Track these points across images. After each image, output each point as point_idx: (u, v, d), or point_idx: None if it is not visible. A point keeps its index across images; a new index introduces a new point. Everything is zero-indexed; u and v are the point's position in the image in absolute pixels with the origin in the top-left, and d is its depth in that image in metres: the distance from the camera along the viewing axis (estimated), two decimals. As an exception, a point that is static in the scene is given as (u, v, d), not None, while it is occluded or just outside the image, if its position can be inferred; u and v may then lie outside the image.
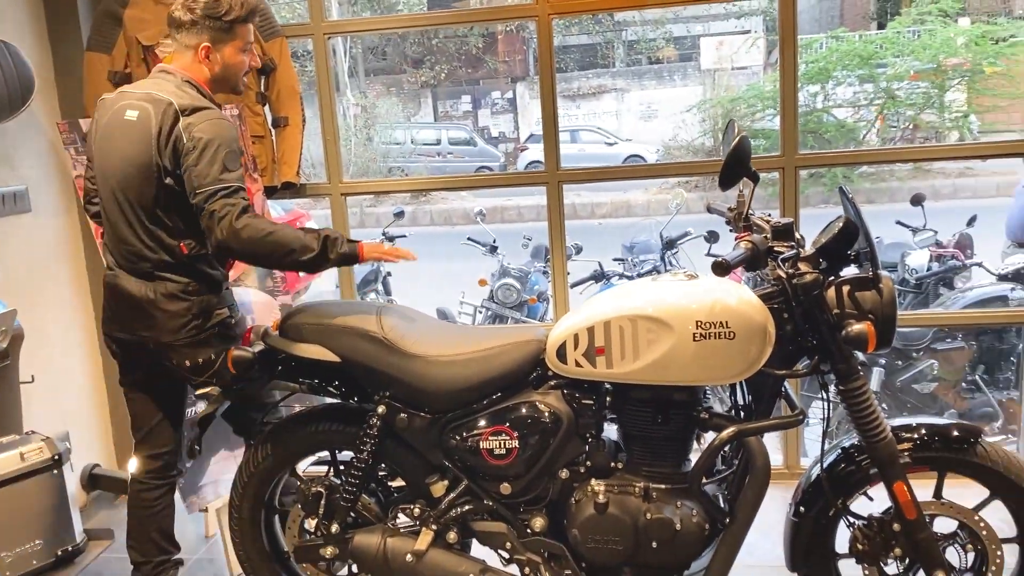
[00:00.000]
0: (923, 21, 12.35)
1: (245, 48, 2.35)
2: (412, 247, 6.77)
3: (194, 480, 2.92)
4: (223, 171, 2.16)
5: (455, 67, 18.54)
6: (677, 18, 18.13)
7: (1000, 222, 4.93)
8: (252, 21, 2.35)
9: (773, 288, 2.08)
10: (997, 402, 4.10)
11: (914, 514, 2.10)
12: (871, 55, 11.52)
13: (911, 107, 11.68)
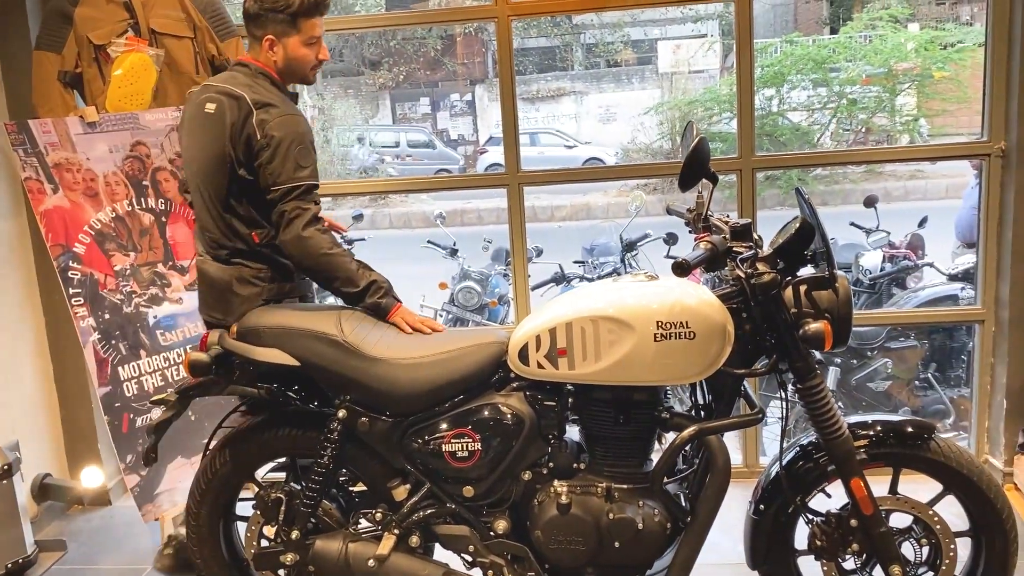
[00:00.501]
0: (874, 26, 12.61)
1: (309, 42, 2.39)
2: (371, 250, 6.72)
3: (150, 488, 2.87)
4: (296, 168, 2.26)
5: (413, 69, 18.46)
6: (635, 22, 18.24)
7: (950, 223, 5.04)
8: (317, 16, 2.38)
9: (732, 288, 2.10)
10: (949, 399, 4.19)
11: (871, 510, 2.13)
12: (824, 59, 11.72)
13: (863, 111, 11.90)
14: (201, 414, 2.95)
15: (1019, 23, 2.88)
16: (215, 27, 3.10)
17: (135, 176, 2.94)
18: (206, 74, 3.11)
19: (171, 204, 3.01)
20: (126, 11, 2.98)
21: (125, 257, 2.89)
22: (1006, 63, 2.95)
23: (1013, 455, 3.11)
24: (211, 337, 2.29)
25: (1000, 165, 3.01)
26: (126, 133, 2.92)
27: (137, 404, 2.87)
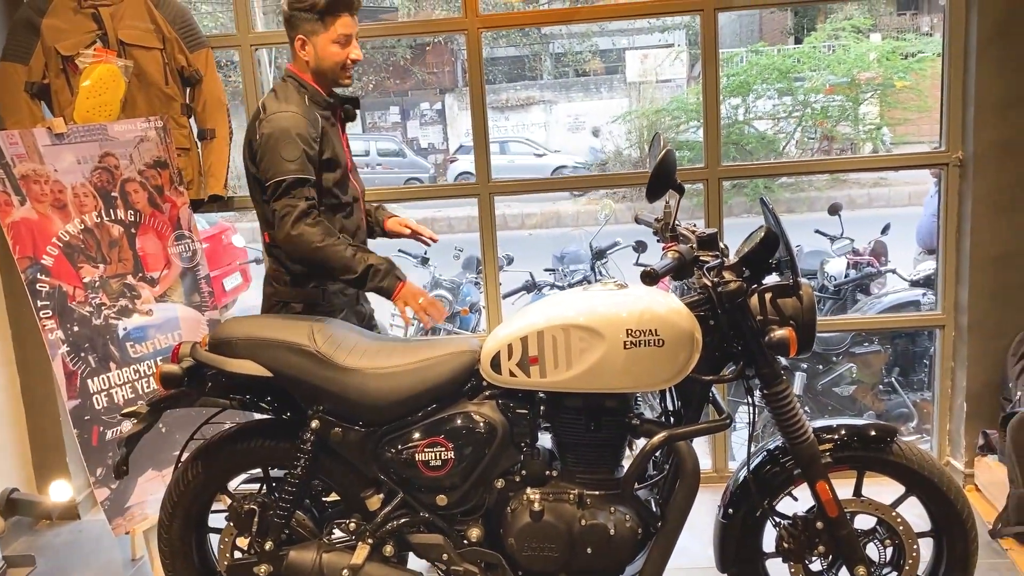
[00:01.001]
0: (837, 36, 12.83)
1: (339, 40, 2.42)
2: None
3: (120, 501, 2.85)
4: (280, 162, 2.32)
5: (383, 78, 18.45)
6: (603, 31, 18.38)
7: (912, 230, 5.15)
8: (345, 13, 2.41)
9: (699, 296, 2.15)
10: (912, 403, 4.27)
11: (836, 512, 2.18)
12: (789, 69, 11.91)
13: (827, 119, 12.09)
14: (172, 426, 2.93)
15: (974, 35, 2.96)
16: (184, 38, 3.10)
17: (104, 187, 2.92)
18: (175, 85, 3.11)
19: (140, 215, 3.00)
20: (94, 22, 2.98)
21: (94, 269, 2.87)
22: (962, 74, 3.03)
23: (973, 457, 3.18)
24: (183, 349, 2.29)
25: (958, 174, 3.09)
26: (94, 144, 2.90)
27: (107, 417, 2.84)
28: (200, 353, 2.25)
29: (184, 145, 3.15)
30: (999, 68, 2.95)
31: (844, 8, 13.41)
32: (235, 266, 7.70)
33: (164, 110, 3.08)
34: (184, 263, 3.11)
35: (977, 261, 3.07)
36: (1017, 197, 3.01)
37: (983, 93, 2.97)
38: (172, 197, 3.09)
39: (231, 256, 7.76)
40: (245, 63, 3.26)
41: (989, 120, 2.98)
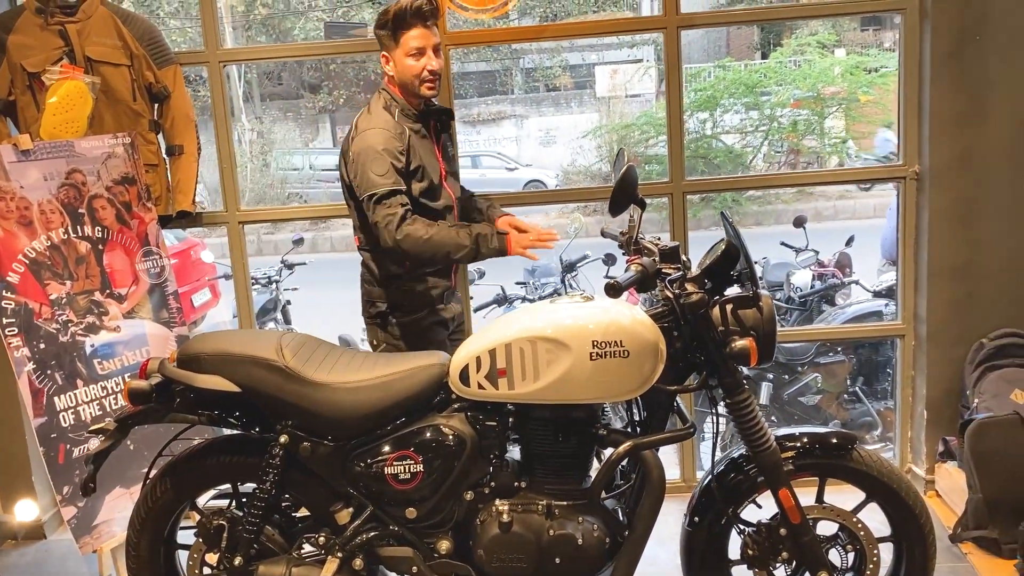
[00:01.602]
0: (803, 52, 13.05)
1: (412, 53, 2.52)
2: (313, 273, 6.66)
3: (87, 519, 2.83)
4: (371, 177, 2.48)
5: (354, 92, 18.42)
6: (572, 47, 18.51)
7: (877, 241, 5.25)
8: (416, 26, 2.51)
9: (663, 308, 2.19)
10: (876, 411, 4.35)
11: (798, 519, 2.23)
12: (755, 84, 12.08)
13: (793, 133, 12.28)
14: (140, 443, 2.92)
15: (928, 52, 3.05)
16: (152, 55, 3.10)
17: (71, 204, 2.91)
18: (143, 101, 3.12)
19: (108, 232, 2.99)
20: (61, 39, 2.97)
21: (61, 286, 2.86)
22: (918, 90, 3.12)
23: (934, 463, 3.25)
24: (151, 364, 2.29)
25: (915, 187, 3.17)
26: (61, 161, 2.89)
27: (74, 434, 2.82)
28: (168, 369, 2.25)
29: (152, 161, 3.15)
30: (953, 84, 3.04)
31: (809, 24, 13.65)
32: (204, 282, 7.65)
33: (132, 126, 3.09)
34: (152, 279, 3.10)
35: (935, 272, 3.14)
36: (972, 209, 3.10)
37: (938, 108, 3.05)
38: (140, 213, 3.08)
39: (200, 272, 7.71)
40: (214, 79, 3.27)
41: (944, 135, 3.06)
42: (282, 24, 16.22)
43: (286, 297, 6.57)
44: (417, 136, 2.60)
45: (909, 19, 3.08)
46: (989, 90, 3.02)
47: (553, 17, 16.94)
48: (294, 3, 16.13)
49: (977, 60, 3.01)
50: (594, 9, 16.97)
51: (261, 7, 15.33)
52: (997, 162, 3.06)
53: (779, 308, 5.22)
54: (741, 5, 16.27)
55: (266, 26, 16.09)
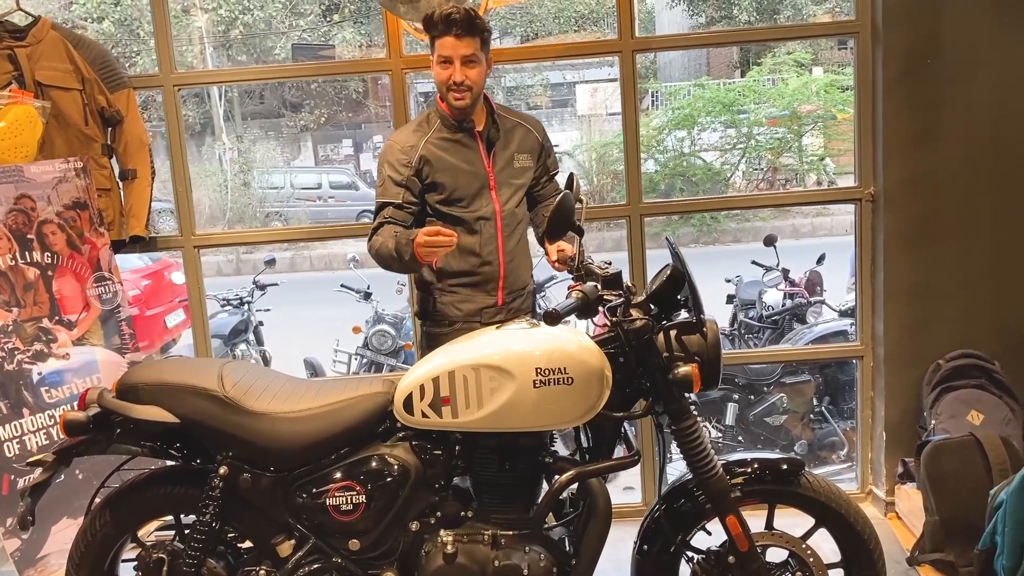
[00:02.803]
0: (779, 70, 13.16)
1: (439, 61, 2.52)
2: (286, 294, 6.61)
3: (32, 552, 2.77)
4: (376, 187, 2.63)
5: (335, 111, 18.45)
6: (553, 66, 18.61)
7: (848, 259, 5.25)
8: (448, 35, 2.48)
9: (610, 334, 2.17)
10: (842, 431, 4.34)
11: (746, 546, 2.20)
12: (732, 102, 12.17)
13: (770, 151, 12.36)
14: (89, 473, 2.88)
15: (880, 73, 3.06)
16: (104, 79, 3.08)
17: (19, 230, 2.88)
18: (95, 126, 3.09)
19: (58, 257, 2.96)
20: (10, 63, 2.96)
21: (8, 313, 2.82)
22: (871, 111, 3.13)
23: (894, 485, 3.24)
24: (90, 395, 2.24)
25: (871, 209, 3.18)
26: (10, 186, 2.86)
27: (19, 465, 2.77)
28: (106, 399, 2.21)
29: (105, 186, 3.13)
30: (906, 105, 3.06)
31: (786, 44, 13.76)
32: (177, 303, 7.59)
33: (84, 151, 3.06)
34: (104, 305, 3.07)
35: (891, 293, 3.15)
36: (925, 232, 3.10)
37: (891, 130, 3.07)
38: (92, 238, 3.05)
39: (173, 293, 7.64)
40: (168, 103, 3.24)
41: (897, 156, 3.07)
42: (263, 43, 16.23)
43: (258, 318, 6.53)
44: (451, 145, 2.59)
45: (861, 42, 3.10)
46: (941, 112, 3.04)
47: (534, 36, 17.05)
48: (275, 23, 16.14)
49: (929, 82, 3.03)
50: (575, 29, 17.08)
51: (241, 26, 15.33)
52: (951, 183, 3.07)
53: (751, 327, 5.23)
54: (720, 25, 16.45)
55: (246, 45, 16.09)
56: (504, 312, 2.64)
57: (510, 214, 2.63)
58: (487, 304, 2.63)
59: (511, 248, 2.63)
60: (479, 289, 2.63)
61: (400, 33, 3.15)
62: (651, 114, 14.94)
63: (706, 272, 7.32)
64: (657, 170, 12.26)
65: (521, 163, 2.67)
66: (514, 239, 2.64)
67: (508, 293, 2.65)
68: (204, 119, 16.24)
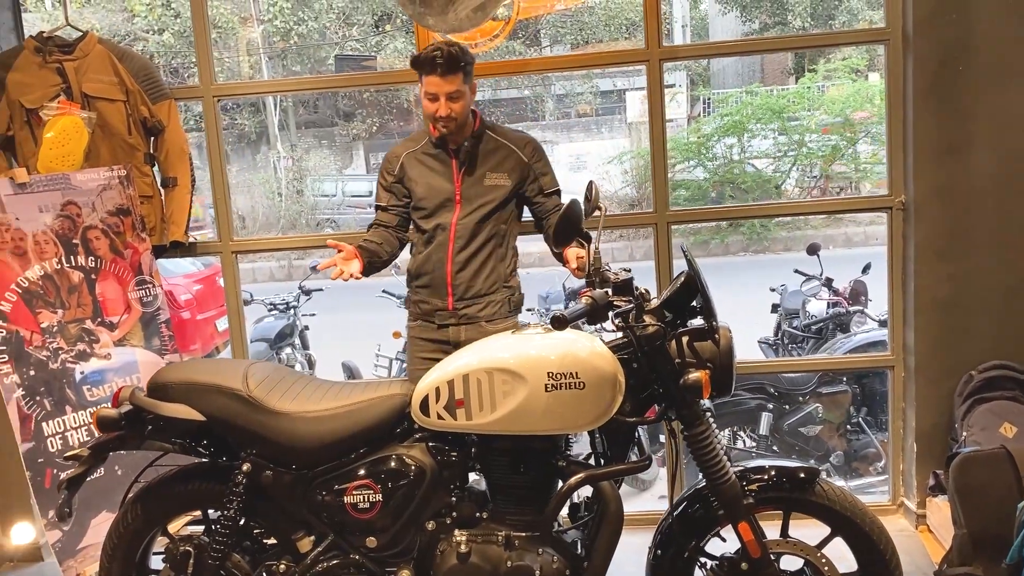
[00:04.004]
0: (830, 77, 12.97)
1: (427, 96, 2.71)
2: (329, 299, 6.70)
3: (72, 543, 2.89)
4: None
5: (386, 120, 18.69)
6: (604, 73, 18.62)
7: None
8: (431, 74, 2.67)
9: (623, 340, 2.20)
10: (880, 443, 4.27)
11: (758, 553, 2.20)
12: (783, 109, 12.03)
13: (823, 159, 12.18)
14: (127, 468, 2.98)
15: (911, 82, 3.03)
16: (147, 90, 3.20)
17: (65, 235, 3.01)
18: (138, 135, 3.21)
19: (101, 261, 3.08)
20: (59, 76, 3.09)
21: (52, 314, 2.95)
22: (902, 120, 3.10)
23: (925, 497, 3.19)
24: (123, 393, 2.35)
25: (901, 218, 3.14)
26: (57, 193, 3.00)
27: (61, 460, 2.90)
28: (138, 397, 2.30)
29: (147, 193, 3.25)
30: (937, 114, 3.01)
31: (842, 49, 13.54)
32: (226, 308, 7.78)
33: (127, 159, 3.18)
34: (145, 308, 3.19)
35: (921, 304, 3.10)
36: (957, 241, 3.05)
37: (922, 138, 3.03)
38: (134, 243, 3.17)
39: (224, 297, 7.84)
40: (208, 113, 3.36)
41: (927, 166, 3.03)
42: (316, 53, 16.54)
43: (304, 323, 6.66)
44: (429, 159, 2.82)
45: (892, 50, 3.07)
46: (972, 120, 2.99)
47: (584, 43, 17.06)
48: (328, 34, 16.44)
49: (960, 91, 2.99)
50: (625, 36, 17.04)
51: (296, 37, 15.65)
52: (982, 193, 3.02)
53: (795, 337, 5.17)
54: (774, 31, 16.27)
55: (300, 56, 16.42)
56: (456, 317, 2.80)
57: (466, 227, 2.77)
58: (439, 307, 2.81)
59: (463, 258, 2.77)
60: (433, 293, 2.81)
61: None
62: (701, 120, 14.86)
63: (753, 281, 7.25)
64: (706, 177, 12.19)
65: (493, 181, 2.80)
66: (468, 251, 2.77)
67: (458, 300, 2.79)
68: (260, 128, 16.62)
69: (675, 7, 17.08)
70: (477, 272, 2.78)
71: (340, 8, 15.81)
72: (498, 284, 2.82)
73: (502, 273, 2.84)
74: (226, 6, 14.64)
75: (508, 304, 2.86)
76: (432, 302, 2.81)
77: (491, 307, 2.81)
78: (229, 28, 14.77)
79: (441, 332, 2.82)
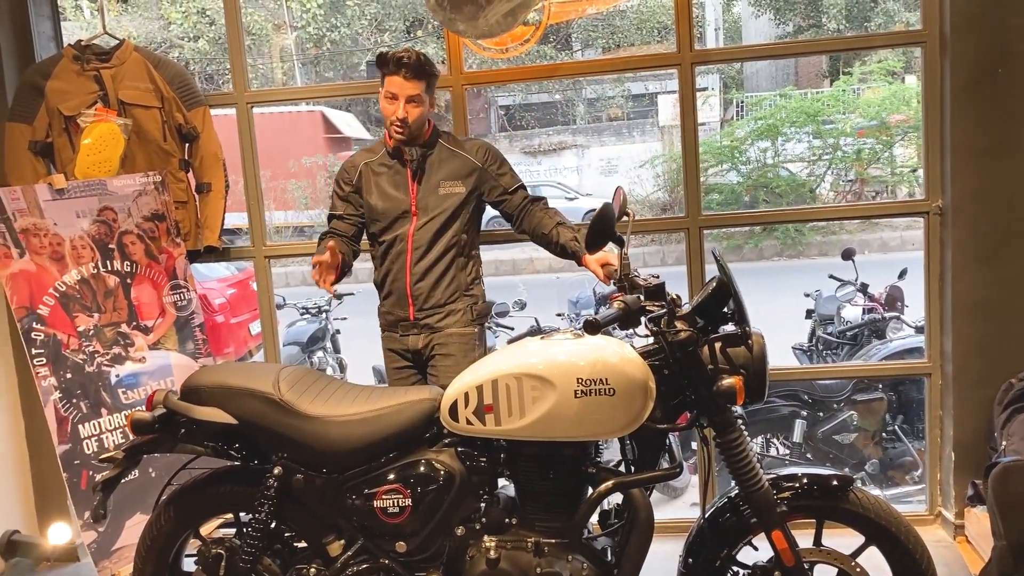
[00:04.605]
0: (866, 80, 12.81)
1: (387, 96, 2.73)
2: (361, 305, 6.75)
3: (107, 544, 2.93)
4: None
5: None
6: (635, 76, 18.56)
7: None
8: (392, 72, 2.69)
9: (654, 345, 2.18)
10: (917, 451, 4.20)
11: (792, 561, 2.17)
12: (817, 112, 11.90)
13: (858, 163, 12.03)
14: (161, 471, 3.02)
15: (948, 84, 2.98)
16: (182, 97, 3.25)
17: (101, 240, 3.06)
18: (173, 142, 3.26)
19: (137, 266, 3.12)
20: (96, 84, 3.14)
21: (89, 318, 3.00)
22: (939, 123, 3.04)
23: (963, 508, 3.12)
24: (157, 396, 2.37)
25: (939, 222, 3.09)
26: (94, 199, 3.04)
27: (97, 462, 2.94)
28: (171, 401, 2.33)
29: (182, 198, 3.29)
30: (975, 117, 2.96)
31: (879, 51, 13.38)
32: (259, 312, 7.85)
33: (162, 165, 3.23)
34: (179, 312, 3.22)
35: (959, 310, 3.05)
36: (995, 246, 2.99)
37: (959, 142, 2.98)
38: (169, 248, 3.21)
39: (257, 301, 7.93)
40: (242, 119, 3.39)
41: (965, 169, 2.98)
42: (349, 59, 16.69)
43: (335, 327, 6.71)
44: (385, 171, 2.84)
45: (929, 52, 3.02)
46: (1012, 123, 2.93)
47: (616, 47, 17.02)
48: (360, 40, 16.57)
49: (999, 93, 2.93)
50: (657, 40, 16.97)
51: (328, 43, 15.80)
52: (1021, 196, 2.96)
53: (829, 343, 5.11)
54: (808, 33, 16.11)
55: (333, 62, 16.57)
56: (419, 327, 2.84)
57: (423, 238, 2.79)
58: (402, 317, 2.85)
59: (420, 269, 2.80)
60: (396, 304, 2.85)
61: (461, 50, 3.23)
62: (734, 124, 14.75)
63: (787, 286, 7.16)
64: (739, 181, 12.09)
65: (447, 189, 2.82)
66: (427, 261, 2.80)
67: (419, 310, 2.83)
68: (292, 134, 16.77)
69: (707, 10, 17.01)
70: (437, 282, 2.81)
71: (372, 15, 15.91)
72: (458, 293, 2.85)
73: (463, 282, 2.86)
74: (260, 13, 14.82)
75: (471, 312, 2.88)
76: (396, 312, 2.86)
77: (452, 316, 2.84)
78: (263, 35, 14.96)
79: (402, 340, 2.87)
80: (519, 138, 17.74)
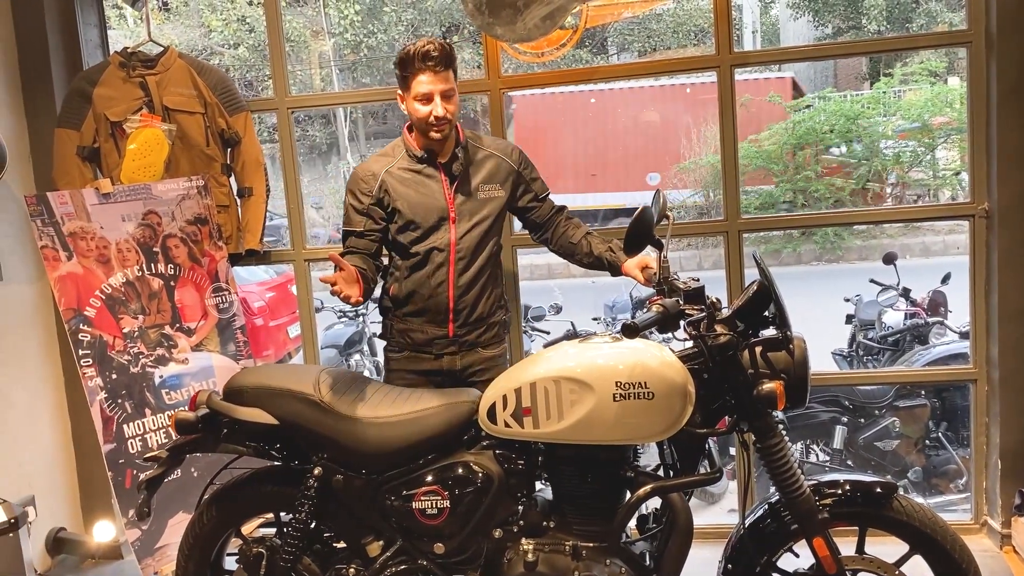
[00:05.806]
0: (906, 81, 12.61)
1: (418, 98, 2.50)
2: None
3: (150, 542, 2.98)
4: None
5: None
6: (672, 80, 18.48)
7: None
8: (422, 72, 2.47)
9: (694, 349, 2.17)
10: (961, 459, 4.12)
11: (834, 569, 2.14)
12: (857, 115, 11.74)
13: (899, 166, 11.84)
14: (204, 470, 3.07)
15: (995, 87, 2.93)
16: (224, 103, 3.30)
17: (146, 243, 3.11)
18: (216, 147, 3.31)
19: (180, 269, 3.18)
20: (141, 90, 3.20)
21: (134, 320, 3.06)
22: (985, 125, 2.99)
23: (1010, 517, 3.06)
24: (200, 396, 2.41)
25: (985, 226, 3.03)
26: (139, 203, 3.10)
27: (141, 461, 2.99)
28: (214, 401, 2.36)
29: (224, 202, 3.34)
30: (1021, 119, 2.90)
31: (920, 52, 13.17)
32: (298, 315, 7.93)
33: (205, 170, 3.28)
34: (221, 314, 3.27)
35: (1005, 314, 2.99)
36: (1044, 249, 2.94)
37: (1006, 143, 2.92)
38: (211, 251, 3.26)
39: (296, 305, 8.00)
40: (282, 125, 3.44)
41: (1012, 172, 2.92)
42: (385, 65, 16.81)
43: (372, 329, 6.76)
44: (412, 176, 2.59)
45: (974, 52, 2.97)
46: (1061, 124, 2.88)
47: (652, 51, 16.94)
48: (396, 45, 16.70)
49: (1048, 93, 2.87)
50: (693, 43, 16.88)
51: (365, 49, 15.93)
52: (1071, 199, 2.90)
53: (870, 348, 5.04)
54: (848, 35, 15.91)
55: (370, 68, 16.70)
56: (457, 344, 2.64)
57: (466, 247, 2.60)
58: (438, 335, 2.63)
59: (465, 281, 2.60)
60: (429, 321, 2.62)
61: (499, 54, 3.24)
62: (773, 127, 14.60)
63: (826, 291, 7.08)
64: (778, 184, 11.97)
65: (487, 193, 2.63)
66: (470, 272, 2.61)
67: (460, 325, 2.63)
68: (330, 139, 16.95)
69: (745, 13, 16.86)
70: (480, 295, 2.64)
71: (409, 20, 16.03)
72: (495, 305, 2.71)
73: (499, 293, 2.73)
74: (299, 20, 14.99)
75: (503, 327, 2.75)
76: (428, 330, 2.63)
77: (490, 331, 2.69)
78: (301, 42, 15.13)
79: (435, 362, 2.66)
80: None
